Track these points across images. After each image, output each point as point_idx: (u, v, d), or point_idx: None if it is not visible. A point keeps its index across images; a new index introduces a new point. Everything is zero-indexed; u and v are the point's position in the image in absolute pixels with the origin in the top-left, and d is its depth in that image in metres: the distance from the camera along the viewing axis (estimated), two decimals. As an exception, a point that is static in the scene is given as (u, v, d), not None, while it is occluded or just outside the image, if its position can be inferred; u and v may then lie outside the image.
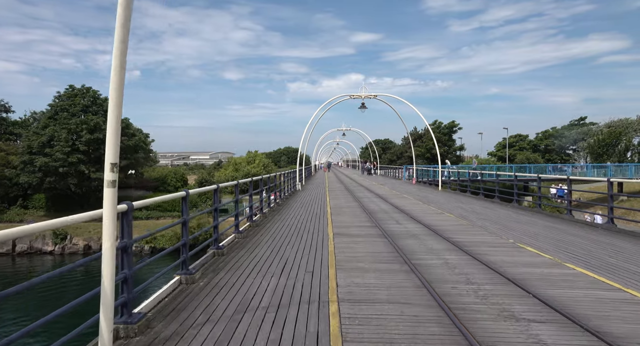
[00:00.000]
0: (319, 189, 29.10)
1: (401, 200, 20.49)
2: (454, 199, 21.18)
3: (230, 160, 74.24)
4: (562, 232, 11.32)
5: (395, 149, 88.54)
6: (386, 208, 16.99)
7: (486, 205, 18.30)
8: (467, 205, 18.02)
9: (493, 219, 13.74)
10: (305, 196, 23.51)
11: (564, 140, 72.77)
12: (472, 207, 17.23)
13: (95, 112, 45.46)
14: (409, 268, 7.28)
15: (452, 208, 16.93)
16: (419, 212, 15.44)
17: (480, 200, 20.77)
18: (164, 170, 57.47)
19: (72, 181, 42.50)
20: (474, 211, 15.90)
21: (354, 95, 31.72)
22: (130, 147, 45.54)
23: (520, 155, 74.32)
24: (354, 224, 12.61)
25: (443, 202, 19.30)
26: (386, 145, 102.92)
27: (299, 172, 35.37)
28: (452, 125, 63.47)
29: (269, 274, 7.02)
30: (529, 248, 8.98)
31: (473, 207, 17.49)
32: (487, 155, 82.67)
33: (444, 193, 25.62)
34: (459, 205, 18.01)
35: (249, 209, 12.60)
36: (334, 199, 21.22)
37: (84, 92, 46.04)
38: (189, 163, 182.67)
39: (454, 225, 12.28)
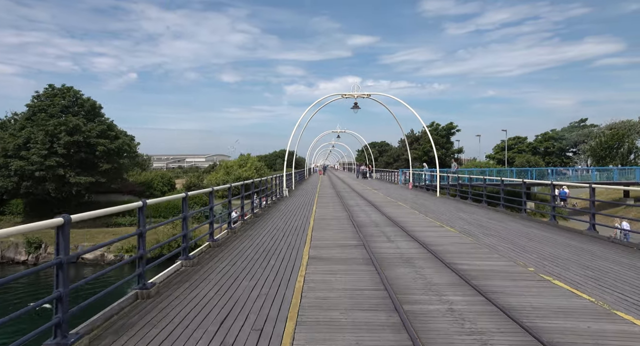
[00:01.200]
0: (308, 195, 27.02)
1: (395, 208, 18.42)
2: (454, 207, 19.13)
3: (222, 163, 72.04)
4: (589, 254, 9.26)
5: (392, 152, 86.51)
6: (378, 219, 14.92)
7: (491, 216, 16.24)
8: (469, 216, 15.97)
9: (502, 234, 11.68)
10: (290, 204, 21.42)
11: (564, 143, 70.97)
12: (475, 218, 15.18)
13: (75, 113, 43.25)
14: (399, 319, 5.20)
15: (452, 219, 14.87)
16: (415, 225, 13.37)
17: (484, 209, 18.73)
18: (151, 174, 55.22)
19: (50, 186, 40.24)
20: (479, 223, 13.84)
21: (346, 95, 29.68)
22: (113, 150, 43.35)
23: (519, 157, 72.42)
24: (336, 242, 10.52)
25: (442, 212, 17.25)
26: (383, 148, 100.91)
27: (287, 176, 33.31)
28: (450, 127, 61.50)
29: (195, 338, 4.92)
30: (557, 281, 6.91)
31: (477, 217, 15.44)
32: (485, 157, 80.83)
33: (443, 200, 23.58)
34: (461, 216, 15.96)
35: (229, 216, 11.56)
36: (322, 208, 19.14)
37: (65, 91, 43.83)
38: (184, 166, 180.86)
39: (457, 244, 10.22)
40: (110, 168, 43.46)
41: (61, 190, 41.48)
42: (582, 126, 72.74)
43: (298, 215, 16.35)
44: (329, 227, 13.14)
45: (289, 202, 22.76)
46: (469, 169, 44.84)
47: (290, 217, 16.02)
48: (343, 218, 15.21)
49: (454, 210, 17.86)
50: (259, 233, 12.19)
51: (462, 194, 23.60)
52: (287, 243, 10.52)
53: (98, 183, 43.73)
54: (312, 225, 13.46)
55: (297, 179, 45.97)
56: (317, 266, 8.02)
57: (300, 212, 17.42)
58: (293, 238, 11.14)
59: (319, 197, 25.04)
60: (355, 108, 30.30)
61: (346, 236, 11.48)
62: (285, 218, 15.44)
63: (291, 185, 34.52)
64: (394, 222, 14.07)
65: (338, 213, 17.00)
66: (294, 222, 14.54)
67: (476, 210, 18.32)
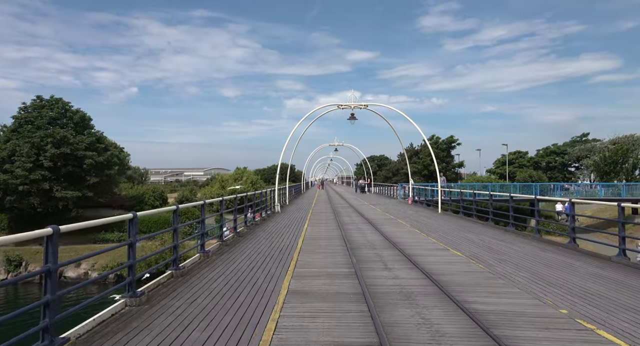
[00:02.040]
0: (301, 211, 25.43)
1: (394, 227, 16.85)
2: (458, 226, 17.56)
3: (217, 177, 70.52)
4: (630, 290, 7.67)
5: (391, 166, 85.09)
6: (375, 240, 13.34)
7: (500, 236, 14.66)
8: (476, 236, 14.39)
9: (517, 260, 10.10)
10: (281, 221, 19.83)
11: (566, 157, 69.60)
12: (483, 239, 13.60)
13: (63, 125, 41.86)
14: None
15: (458, 240, 13.29)
16: (416, 248, 11.79)
17: (491, 228, 17.15)
18: (142, 188, 53.63)
19: (35, 200, 38.61)
20: (488, 246, 12.26)
21: (343, 105, 28.31)
22: (102, 163, 41.82)
23: (520, 172, 70.98)
24: (324, 270, 8.94)
25: (446, 231, 15.67)
26: (381, 162, 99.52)
27: (280, 190, 31.78)
28: (450, 141, 60.09)
29: None
30: (603, 333, 5.33)
31: (485, 238, 13.86)
32: (486, 172, 79.39)
33: (445, 217, 22.00)
34: (467, 236, 14.38)
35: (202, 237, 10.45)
36: (314, 225, 17.57)
37: (53, 103, 42.45)
38: (182, 179, 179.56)
39: (467, 273, 8.64)
40: (99, 181, 41.90)
41: (47, 204, 39.83)
42: (584, 141, 71.48)
43: (286, 235, 14.76)
44: (318, 250, 11.55)
45: (280, 218, 21.18)
46: (471, 184, 43.33)
47: (277, 236, 14.43)
48: (336, 239, 13.62)
49: (458, 229, 16.28)
50: (236, 257, 10.60)
51: (465, 211, 22.03)
52: (266, 271, 8.93)
53: (86, 198, 42.13)
54: (299, 247, 11.88)
55: (293, 193, 44.41)
56: (295, 305, 6.44)
57: (290, 231, 15.84)
58: (274, 265, 9.55)
59: (313, 213, 23.46)
60: (352, 120, 28.91)
61: (337, 261, 9.89)
62: (271, 238, 13.85)
63: (285, 200, 32.97)
64: (393, 243, 12.49)
65: (331, 232, 15.42)
66: (280, 242, 12.95)
67: (483, 229, 16.74)
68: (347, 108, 28.51)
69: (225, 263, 9.85)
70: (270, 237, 14.22)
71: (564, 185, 49.94)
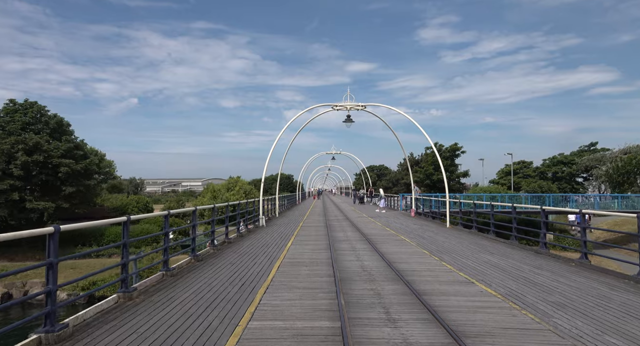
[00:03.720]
0: (289, 225, 22.24)
1: (397, 246, 13.70)
2: (474, 245, 14.40)
3: (209, 187, 67.29)
4: None
5: (391, 176, 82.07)
6: (373, 267, 10.18)
7: (533, 260, 11.47)
8: (502, 259, 11.23)
9: (580, 305, 6.94)
10: (261, 237, 16.65)
11: (574, 167, 66.55)
12: (514, 266, 10.44)
13: (38, 131, 38.84)
14: None
15: (481, 267, 10.14)
16: (430, 279, 8.65)
17: (515, 248, 13.99)
18: (126, 198, 50.44)
19: (3, 212, 35.41)
20: (525, 277, 9.09)
21: (338, 105, 25.29)
22: (79, 172, 38.71)
23: (525, 182, 67.86)
24: (293, 325, 5.78)
25: (462, 253, 12.51)
26: (381, 172, 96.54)
27: (268, 201, 28.65)
28: (454, 148, 56.98)
29: None
30: None
31: (514, 263, 10.70)
32: (489, 183, 76.26)
33: (455, 232, 18.84)
34: (490, 260, 11.22)
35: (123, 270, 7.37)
36: (300, 244, 14.42)
37: (27, 107, 39.50)
38: (180, 190, 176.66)
39: (517, 332, 5.49)
40: (76, 191, 38.74)
41: (17, 216, 36.63)
42: (592, 150, 68.47)
43: (260, 258, 11.59)
44: (295, 283, 8.40)
45: (261, 234, 18.00)
46: (478, 194, 40.19)
47: (247, 260, 11.25)
48: (322, 264, 10.47)
49: (476, 250, 13.12)
50: (176, 295, 7.42)
51: (479, 226, 18.86)
52: (202, 328, 5.76)
53: (62, 209, 38.98)
54: (269, 279, 8.72)
55: (286, 204, 41.26)
56: None
57: (267, 252, 12.67)
58: (220, 315, 6.38)
59: (302, 228, 20.29)
60: (348, 122, 25.86)
61: (316, 306, 6.74)
62: (239, 263, 10.68)
63: (274, 212, 29.80)
64: (397, 271, 9.34)
65: (318, 253, 12.26)
66: (247, 270, 9.79)
67: (506, 249, 13.57)
68: (342, 109, 25.50)
69: (146, 312, 6.67)
70: (239, 261, 11.05)
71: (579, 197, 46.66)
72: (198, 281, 8.66)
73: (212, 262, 10.88)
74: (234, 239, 15.86)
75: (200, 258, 11.15)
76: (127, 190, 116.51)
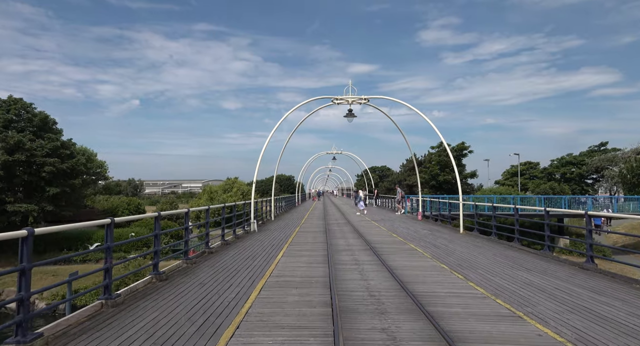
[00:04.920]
0: (285, 230, 19.99)
1: (408, 257, 11.44)
2: (499, 256, 12.13)
3: (206, 188, 65.09)
4: None
5: (393, 177, 79.73)
6: (381, 288, 7.93)
7: (586, 282, 9.14)
8: (545, 279, 8.94)
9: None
10: (250, 245, 14.38)
11: (584, 168, 64.14)
12: (562, 288, 8.16)
13: (21, 129, 36.65)
14: None
15: (522, 290, 7.87)
16: (460, 311, 6.39)
17: (550, 261, 11.69)
18: (116, 200, 48.21)
19: (-20, 215, 33.26)
20: (587, 308, 6.80)
21: (338, 98, 23.03)
22: (64, 171, 36.51)
23: (532, 184, 65.50)
24: None
25: (487, 266, 10.24)
26: (383, 173, 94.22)
27: (263, 203, 26.45)
28: (461, 148, 54.59)
29: None
30: None
31: (563, 286, 8.40)
32: (495, 184, 73.89)
33: (471, 239, 16.56)
34: (528, 279, 8.94)
35: None
36: (292, 255, 12.16)
37: (10, 104, 37.32)
38: (180, 191, 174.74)
39: None
40: (61, 192, 36.54)
41: (-2, 219, 34.45)
42: (602, 150, 66.02)
43: (240, 276, 9.33)
44: (278, 316, 6.15)
45: (250, 241, 15.74)
46: (488, 196, 37.87)
47: (224, 278, 8.98)
48: (317, 285, 8.21)
49: (506, 265, 10.83)
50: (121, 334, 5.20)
51: (500, 232, 16.56)
52: None
53: (48, 211, 36.80)
54: (245, 311, 6.47)
55: (284, 206, 39.03)
56: None
57: (251, 266, 10.41)
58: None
59: (299, 234, 18.04)
60: (349, 117, 23.60)
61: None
62: (210, 285, 8.41)
63: (269, 215, 27.56)
64: (414, 297, 7.07)
65: (313, 268, 10.00)
66: (219, 295, 7.52)
67: (543, 264, 11.27)
68: (343, 103, 23.26)
69: None
70: (213, 280, 8.79)
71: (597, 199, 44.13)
72: (145, 315, 6.38)
73: (178, 283, 8.61)
74: (216, 248, 13.59)
75: (165, 276, 8.87)
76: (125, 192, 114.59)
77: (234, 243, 15.10)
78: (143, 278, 8.70)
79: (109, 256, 6.82)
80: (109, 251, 6.85)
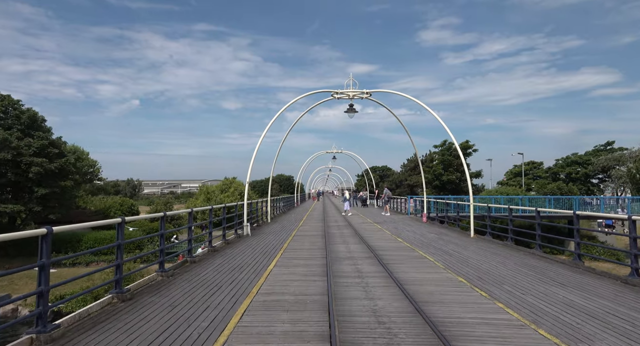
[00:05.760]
0: (280, 234, 18.49)
1: (420, 269, 9.92)
2: (523, 266, 10.61)
3: (202, 189, 63.58)
4: None
5: (394, 177, 78.25)
6: (392, 311, 6.41)
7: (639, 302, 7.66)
8: (588, 300, 7.41)
9: None
10: (239, 254, 12.85)
11: (590, 168, 62.61)
12: (615, 311, 6.64)
13: (8, 126, 35.15)
14: None
15: (565, 315, 6.36)
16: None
17: (584, 274, 10.18)
18: (109, 200, 46.68)
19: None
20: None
21: (338, 93, 21.51)
22: (53, 171, 35.00)
23: (536, 184, 63.98)
24: None
25: (512, 279, 8.73)
26: (384, 173, 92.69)
27: (260, 203, 24.95)
28: (466, 146, 52.91)
29: None
30: None
31: (615, 309, 6.88)
32: (497, 184, 72.36)
33: (485, 245, 15.05)
34: (568, 298, 7.42)
35: None
36: (286, 266, 10.66)
37: (-4, 100, 35.83)
38: (179, 191, 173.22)
39: None
40: (50, 193, 35.02)
41: (-18, 220, 32.95)
42: (609, 150, 64.49)
43: (221, 294, 7.80)
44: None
45: (241, 247, 14.22)
46: (495, 197, 36.32)
47: (201, 298, 7.46)
48: (313, 307, 6.69)
49: (534, 278, 9.31)
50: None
51: (517, 237, 15.03)
52: None
53: (35, 212, 35.31)
54: (217, 350, 4.97)
55: (282, 207, 37.53)
56: None
57: (237, 280, 8.89)
58: None
59: (295, 238, 16.53)
60: (350, 112, 22.09)
61: None
62: (183, 308, 6.87)
63: (265, 217, 26.06)
64: (434, 327, 5.55)
65: (310, 282, 8.48)
66: (189, 324, 5.99)
67: (577, 277, 9.75)
68: (344, 97, 21.74)
69: None
70: (187, 301, 7.27)
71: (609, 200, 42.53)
72: None
73: (144, 303, 7.09)
74: (201, 256, 12.07)
75: (129, 295, 7.35)
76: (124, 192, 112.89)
77: (222, 250, 13.58)
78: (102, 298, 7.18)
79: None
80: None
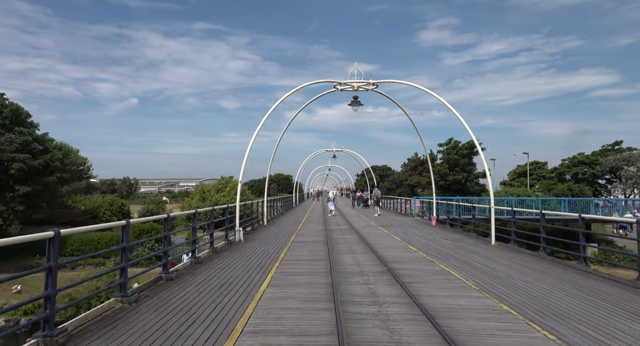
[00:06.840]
0: (276, 241, 16.49)
1: (446, 289, 7.94)
2: (572, 286, 8.64)
3: (198, 188, 61.51)
4: None
5: (395, 177, 76.31)
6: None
7: None
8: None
9: None
10: (227, 267, 10.84)
11: (597, 168, 60.72)
12: None
13: (-10, 121, 33.08)
14: None
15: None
16: None
17: None
18: (99, 199, 44.58)
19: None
20: None
21: (341, 83, 19.51)
22: (37, 168, 32.94)
23: (541, 184, 62.05)
24: None
25: (570, 307, 6.76)
26: (384, 172, 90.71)
27: (255, 205, 23.00)
28: (472, 146, 50.96)
29: None
30: None
31: None
32: (500, 184, 70.40)
33: (513, 256, 13.07)
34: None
35: None
36: (282, 286, 8.66)
37: (-23, 93, 33.76)
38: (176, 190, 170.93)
39: None
40: (32, 191, 32.96)
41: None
42: (617, 149, 62.57)
43: (198, 331, 5.79)
44: None
45: (230, 258, 12.20)
46: (507, 198, 34.38)
47: (170, 336, 5.45)
48: None
49: (597, 305, 7.34)
50: None
51: (553, 248, 13.04)
52: None
53: (17, 212, 33.26)
54: None
55: (280, 207, 35.55)
56: None
57: (218, 307, 6.89)
58: None
59: (294, 245, 14.54)
60: (355, 105, 20.10)
61: None
62: None
63: (262, 219, 24.07)
64: None
65: (312, 314, 6.49)
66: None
67: (633, 297, 7.80)
68: (348, 88, 19.75)
69: None
70: (145, 344, 5.27)
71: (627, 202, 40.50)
72: None
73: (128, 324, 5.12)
74: (180, 271, 10.03)
75: (63, 338, 5.30)
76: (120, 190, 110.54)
77: (209, 261, 11.57)
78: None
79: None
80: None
